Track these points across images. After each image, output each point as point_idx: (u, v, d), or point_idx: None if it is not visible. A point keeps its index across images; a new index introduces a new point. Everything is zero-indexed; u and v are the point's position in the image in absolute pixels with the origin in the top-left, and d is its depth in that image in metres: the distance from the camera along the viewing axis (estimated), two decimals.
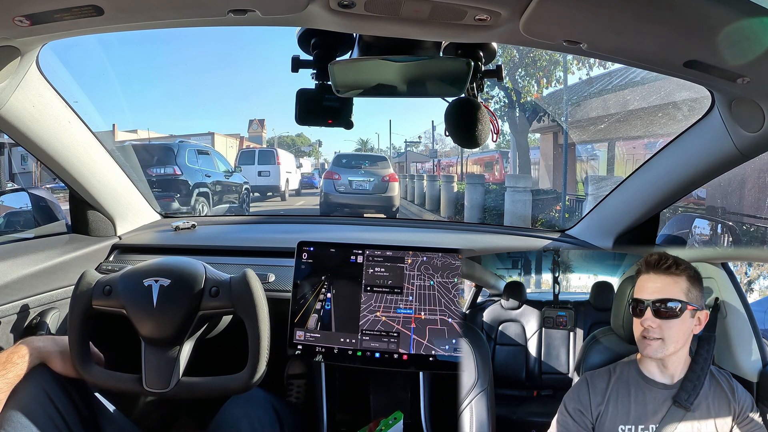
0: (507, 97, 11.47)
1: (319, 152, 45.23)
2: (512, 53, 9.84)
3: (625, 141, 9.27)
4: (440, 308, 0.97)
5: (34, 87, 0.88)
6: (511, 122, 11.69)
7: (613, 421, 0.77)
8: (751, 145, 0.82)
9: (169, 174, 6.28)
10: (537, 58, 9.68)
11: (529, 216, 7.21)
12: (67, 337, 0.81)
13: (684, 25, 0.56)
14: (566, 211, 7.53)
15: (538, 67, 9.85)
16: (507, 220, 7.31)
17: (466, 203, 8.80)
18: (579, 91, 10.35)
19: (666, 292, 0.75)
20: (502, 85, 10.75)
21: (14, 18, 0.62)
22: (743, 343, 0.87)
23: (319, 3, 0.58)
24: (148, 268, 0.85)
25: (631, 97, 7.90)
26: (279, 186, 11.71)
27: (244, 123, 51.72)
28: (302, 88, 0.80)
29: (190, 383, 0.81)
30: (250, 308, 0.81)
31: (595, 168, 11.10)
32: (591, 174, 10.05)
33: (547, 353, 1.14)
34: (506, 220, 7.37)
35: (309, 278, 1.01)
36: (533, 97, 10.73)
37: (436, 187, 11.23)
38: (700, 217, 1.14)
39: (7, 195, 1.39)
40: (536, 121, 11.58)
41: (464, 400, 0.92)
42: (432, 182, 11.90)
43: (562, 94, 10.35)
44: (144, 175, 5.93)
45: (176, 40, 63.10)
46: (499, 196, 8.25)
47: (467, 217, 8.55)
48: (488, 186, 9.49)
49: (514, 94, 11.06)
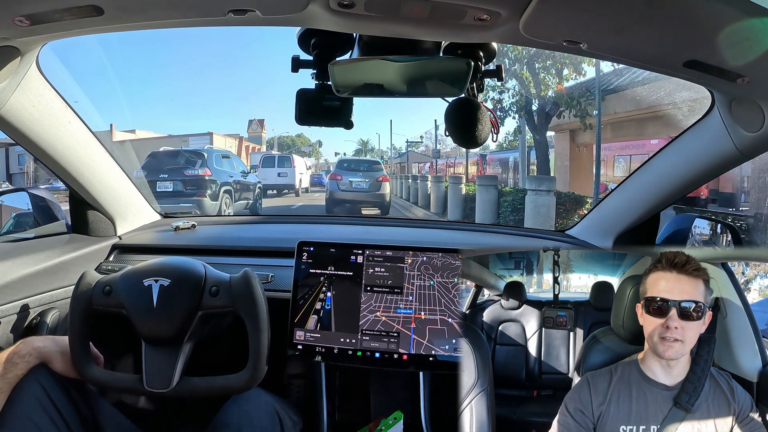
0: (524, 90, 10.44)
1: (320, 153, 45.25)
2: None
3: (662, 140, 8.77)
4: (440, 308, 0.97)
5: (34, 87, 0.88)
6: (528, 118, 10.54)
7: (614, 421, 0.77)
8: (751, 145, 0.82)
9: (202, 175, 7.50)
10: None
11: (552, 221, 6.44)
12: (66, 337, 0.81)
13: (684, 25, 0.56)
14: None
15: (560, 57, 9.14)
16: (528, 226, 6.89)
17: (477, 206, 8.07)
18: (607, 81, 9.88)
19: (692, 294, 0.75)
20: (520, 77, 10.05)
21: (14, 18, 0.62)
22: (743, 343, 0.87)
23: (319, 3, 0.58)
24: (148, 268, 0.85)
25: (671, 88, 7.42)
26: (294, 184, 14.98)
27: (243, 123, 51.57)
28: (302, 88, 0.80)
29: (190, 383, 0.81)
30: (250, 308, 0.81)
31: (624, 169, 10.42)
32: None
33: (547, 353, 1.14)
34: (527, 225, 6.80)
35: (309, 278, 1.01)
36: (557, 89, 9.93)
37: (442, 189, 10.79)
38: (700, 217, 1.14)
39: (7, 195, 1.38)
40: (556, 116, 10.44)
41: (464, 400, 0.92)
42: (437, 183, 11.27)
43: (586, 86, 9.65)
44: (181, 175, 7.41)
45: (176, 39, 63.10)
46: (516, 199, 7.44)
47: (480, 221, 8.01)
48: (502, 188, 8.52)
49: (532, 87, 10.17)
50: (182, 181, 7.40)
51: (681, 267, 0.76)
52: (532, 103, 10.37)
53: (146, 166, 7.61)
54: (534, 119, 10.46)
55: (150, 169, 7.45)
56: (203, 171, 7.53)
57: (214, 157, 7.96)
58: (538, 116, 10.46)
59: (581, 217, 1.38)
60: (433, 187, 11.27)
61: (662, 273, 0.77)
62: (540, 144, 10.84)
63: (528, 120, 10.59)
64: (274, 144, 39.90)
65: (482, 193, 7.97)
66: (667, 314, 0.74)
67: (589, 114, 9.73)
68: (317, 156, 44.05)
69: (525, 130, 11.29)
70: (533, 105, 10.40)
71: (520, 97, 10.45)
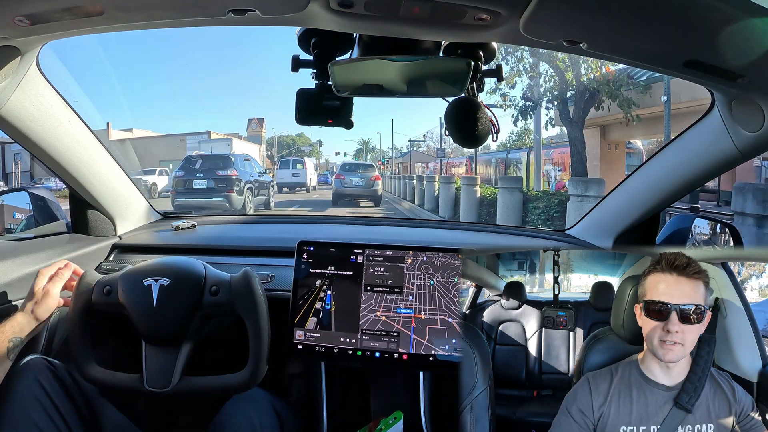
0: (557, 77, 9.05)
1: (320, 152, 45.13)
2: None
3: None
4: (440, 308, 0.97)
5: (34, 87, 0.88)
6: (562, 108, 9.24)
7: (615, 422, 0.77)
8: (751, 145, 0.82)
9: (230, 174, 9.40)
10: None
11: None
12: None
13: (684, 25, 0.56)
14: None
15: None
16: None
17: (499, 212, 7.34)
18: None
19: (693, 297, 0.74)
20: (553, 63, 8.93)
21: (14, 18, 0.62)
22: (743, 343, 0.87)
23: (319, 3, 0.58)
24: (148, 267, 0.85)
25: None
26: (305, 182, 18.82)
27: (243, 122, 51.21)
28: (302, 88, 0.80)
29: (190, 382, 0.81)
30: (250, 307, 0.81)
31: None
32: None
33: (547, 353, 1.14)
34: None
35: (309, 278, 1.01)
36: (605, 71, 8.66)
37: (451, 191, 10.12)
38: (700, 217, 1.14)
39: (7, 195, 1.38)
40: (594, 108, 9.13)
41: (464, 400, 0.92)
42: (447, 184, 10.40)
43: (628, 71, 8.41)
44: (213, 175, 9.34)
45: (174, 37, 63.11)
46: (550, 205, 6.66)
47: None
48: (526, 192, 7.67)
49: (570, 74, 8.95)
50: (214, 180, 9.30)
51: (682, 270, 0.75)
52: (566, 91, 9.15)
53: (183, 168, 9.72)
54: (569, 111, 9.24)
55: (186, 170, 9.55)
56: (231, 172, 9.41)
57: (238, 160, 10.00)
58: (575, 106, 9.16)
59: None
60: (442, 188, 10.58)
61: (662, 275, 0.76)
62: (576, 140, 9.45)
63: (562, 111, 9.37)
64: (274, 143, 39.59)
65: (505, 196, 7.29)
66: (667, 318, 0.73)
67: (635, 104, 8.70)
68: (318, 156, 43.98)
69: (540, 126, 10.30)
70: (567, 94, 9.17)
71: (554, 83, 9.27)
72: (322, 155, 46.21)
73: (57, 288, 0.83)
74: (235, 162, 9.73)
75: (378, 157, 48.12)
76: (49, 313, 0.82)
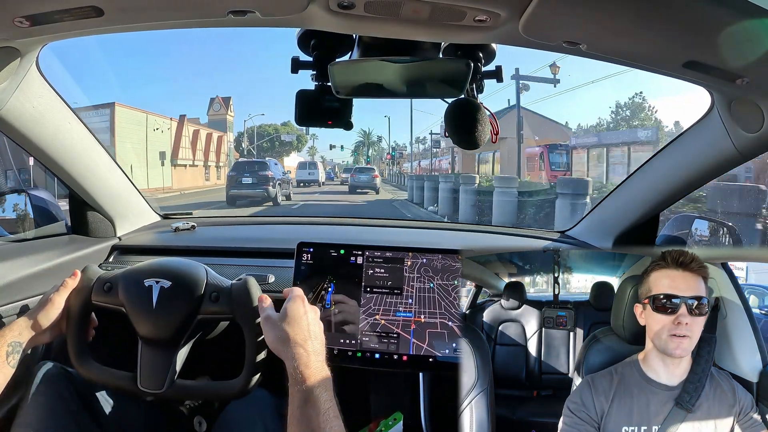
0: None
1: (315, 148, 43.82)
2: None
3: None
4: (440, 311, 0.97)
5: (34, 88, 0.88)
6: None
7: (616, 422, 0.77)
8: (751, 146, 0.82)
9: (268, 174, 13.87)
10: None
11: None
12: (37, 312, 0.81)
13: (684, 26, 0.56)
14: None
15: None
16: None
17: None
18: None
19: (699, 290, 0.76)
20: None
21: (14, 19, 0.62)
22: (743, 343, 0.87)
23: (318, 4, 0.58)
24: (150, 268, 0.84)
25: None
26: (318, 180, 25.24)
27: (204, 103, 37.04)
28: (302, 89, 0.80)
29: (184, 386, 0.81)
30: (249, 317, 0.80)
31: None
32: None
33: (547, 353, 1.14)
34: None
35: (309, 279, 1.01)
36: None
37: (513, 196, 8.29)
38: (699, 218, 1.15)
39: (6, 196, 1.38)
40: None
41: (464, 401, 0.92)
42: (506, 188, 8.41)
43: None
44: (257, 174, 13.74)
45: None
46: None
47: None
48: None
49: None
50: (257, 177, 13.65)
51: (687, 265, 0.77)
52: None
53: (234, 168, 14.91)
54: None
55: (237, 170, 14.37)
56: (268, 172, 13.91)
57: (271, 164, 14.79)
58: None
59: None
60: (498, 196, 8.05)
61: (667, 271, 0.77)
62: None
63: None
64: (253, 135, 31.91)
65: (561, 203, 5.96)
66: (676, 311, 0.75)
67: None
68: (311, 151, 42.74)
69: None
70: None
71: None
72: (316, 151, 44.80)
73: (62, 297, 0.81)
74: (269, 165, 14.58)
75: (378, 154, 47.78)
76: (50, 321, 0.80)
